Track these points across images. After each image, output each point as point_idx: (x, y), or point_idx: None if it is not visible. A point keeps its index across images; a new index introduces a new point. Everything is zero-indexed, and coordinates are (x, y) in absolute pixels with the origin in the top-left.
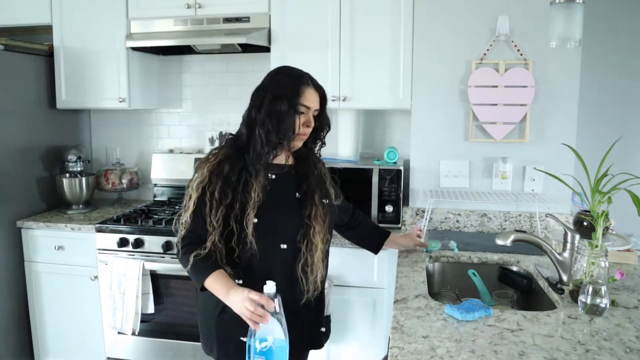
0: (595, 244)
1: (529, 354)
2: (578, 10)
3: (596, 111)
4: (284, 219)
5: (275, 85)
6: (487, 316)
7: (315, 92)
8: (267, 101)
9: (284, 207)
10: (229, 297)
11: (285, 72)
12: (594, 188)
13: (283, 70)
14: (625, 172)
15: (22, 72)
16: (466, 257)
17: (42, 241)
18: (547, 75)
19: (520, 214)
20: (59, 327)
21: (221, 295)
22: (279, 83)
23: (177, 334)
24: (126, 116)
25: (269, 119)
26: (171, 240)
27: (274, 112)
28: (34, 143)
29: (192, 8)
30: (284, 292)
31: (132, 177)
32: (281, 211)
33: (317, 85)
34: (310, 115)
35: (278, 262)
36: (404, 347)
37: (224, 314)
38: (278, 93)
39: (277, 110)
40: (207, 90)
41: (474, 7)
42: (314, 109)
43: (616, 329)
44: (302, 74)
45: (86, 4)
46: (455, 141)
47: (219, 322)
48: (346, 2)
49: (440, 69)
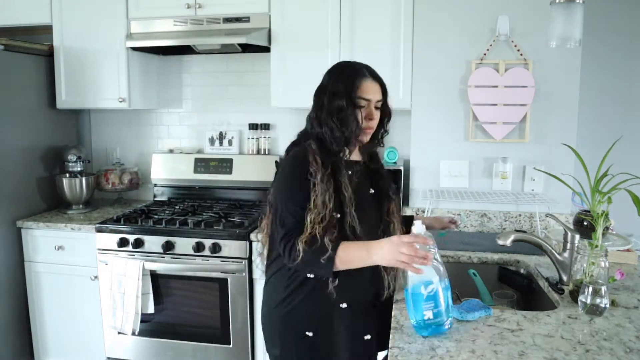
0: (595, 244)
1: (529, 354)
2: (578, 10)
3: (596, 111)
4: (364, 216)
5: (332, 83)
6: (487, 316)
7: (375, 83)
8: (327, 100)
9: (362, 204)
10: (374, 253)
11: (341, 67)
12: (594, 188)
13: (339, 66)
14: (625, 172)
15: (22, 72)
16: (466, 257)
17: (42, 241)
18: (547, 75)
19: (520, 214)
20: (59, 327)
21: (363, 258)
22: (335, 80)
23: (177, 334)
24: (126, 116)
25: (330, 117)
26: (171, 240)
27: (334, 109)
28: (34, 143)
29: (192, 8)
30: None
31: (132, 177)
32: (360, 209)
33: (375, 76)
34: (372, 108)
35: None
36: (404, 347)
37: (287, 309)
38: (335, 90)
39: (337, 108)
40: (207, 90)
41: (474, 7)
42: (375, 100)
43: (616, 329)
44: (359, 67)
45: (86, 4)
46: (455, 141)
47: (282, 317)
48: (346, 2)
49: (440, 69)
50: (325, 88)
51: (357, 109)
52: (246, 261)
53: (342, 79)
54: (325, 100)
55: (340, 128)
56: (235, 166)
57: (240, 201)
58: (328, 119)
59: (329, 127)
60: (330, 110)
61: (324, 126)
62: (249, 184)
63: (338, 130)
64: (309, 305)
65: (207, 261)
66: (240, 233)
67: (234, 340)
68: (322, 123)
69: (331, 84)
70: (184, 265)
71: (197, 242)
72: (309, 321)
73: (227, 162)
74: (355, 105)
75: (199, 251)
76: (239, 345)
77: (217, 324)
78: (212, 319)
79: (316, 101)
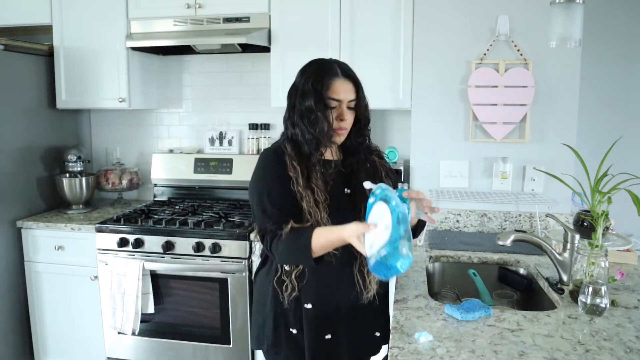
0: (595, 244)
1: (529, 354)
2: (578, 10)
3: (596, 111)
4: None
5: (303, 82)
6: (487, 316)
7: (347, 82)
8: (297, 100)
9: (337, 205)
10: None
11: (312, 65)
12: (594, 188)
13: (311, 64)
14: (625, 172)
15: (22, 72)
16: (466, 257)
17: (42, 241)
18: (547, 75)
19: (520, 214)
20: (59, 327)
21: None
22: (306, 79)
23: (177, 334)
24: (126, 116)
25: (301, 119)
26: (171, 240)
27: (304, 110)
28: (34, 143)
29: (192, 8)
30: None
31: (132, 177)
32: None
33: (348, 75)
34: (344, 108)
35: (333, 265)
36: (404, 347)
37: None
38: (305, 90)
39: (307, 109)
40: (207, 90)
41: (474, 7)
42: (347, 100)
43: (616, 329)
44: (330, 65)
45: (86, 4)
46: (455, 141)
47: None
48: (346, 2)
49: (440, 69)
50: (296, 87)
51: (328, 110)
52: (246, 261)
53: (312, 79)
54: (296, 100)
55: (310, 130)
56: (235, 166)
57: (240, 201)
58: (299, 120)
59: (300, 129)
60: (300, 112)
61: (296, 127)
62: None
63: (308, 132)
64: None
65: (207, 261)
66: (240, 233)
67: (234, 340)
68: (294, 124)
69: (302, 84)
70: (184, 265)
71: (197, 242)
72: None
73: (227, 162)
74: (325, 106)
75: (199, 251)
76: (239, 345)
77: (217, 324)
78: (212, 319)
79: (288, 101)
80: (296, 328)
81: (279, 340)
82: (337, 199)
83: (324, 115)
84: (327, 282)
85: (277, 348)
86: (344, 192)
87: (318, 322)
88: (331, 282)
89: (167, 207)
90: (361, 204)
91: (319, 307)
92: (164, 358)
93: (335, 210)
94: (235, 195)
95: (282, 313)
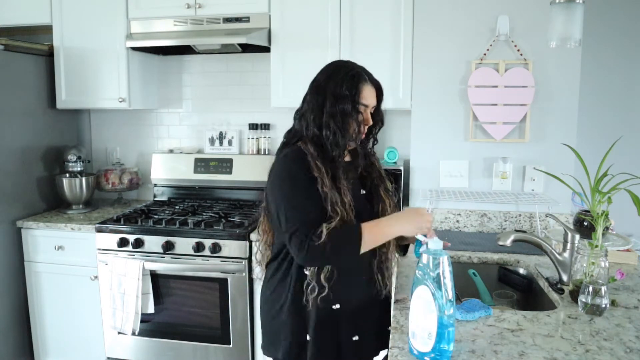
0: (595, 244)
1: (529, 354)
2: (578, 10)
3: (596, 111)
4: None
5: (335, 85)
6: (487, 316)
7: (372, 88)
8: (329, 103)
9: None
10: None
11: (343, 69)
12: (594, 188)
13: (339, 67)
14: (625, 172)
15: (22, 72)
16: (466, 257)
17: (42, 241)
18: (547, 75)
19: (520, 214)
20: (59, 327)
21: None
22: (337, 83)
23: (177, 334)
24: (126, 116)
25: (333, 121)
26: (171, 240)
27: (338, 113)
28: (34, 143)
29: (192, 8)
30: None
31: (132, 177)
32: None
33: (373, 80)
34: (368, 113)
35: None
36: (404, 347)
37: (289, 311)
38: (339, 94)
39: (340, 112)
40: (207, 90)
41: (474, 7)
42: (371, 105)
43: (616, 329)
44: (360, 70)
45: (86, 4)
46: (455, 141)
47: (290, 319)
48: (346, 2)
49: (440, 69)
50: (324, 89)
51: (359, 114)
52: (246, 261)
53: (346, 83)
54: (327, 102)
55: (342, 132)
56: (235, 166)
57: (240, 201)
58: (330, 122)
59: (330, 131)
60: (332, 114)
61: (324, 129)
62: (249, 184)
63: (341, 134)
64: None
65: (207, 261)
66: (240, 233)
67: (234, 340)
68: (323, 125)
69: (333, 87)
70: (184, 265)
71: (197, 242)
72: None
73: (227, 162)
74: (357, 111)
75: (199, 251)
76: (239, 345)
77: (217, 324)
78: (212, 319)
79: (313, 102)
80: (317, 333)
81: (298, 347)
82: (356, 200)
83: (356, 119)
84: (353, 281)
85: (295, 355)
86: (360, 193)
87: (346, 322)
88: (356, 281)
89: (167, 207)
90: (378, 206)
91: (347, 307)
92: (164, 358)
93: (356, 212)
94: (235, 195)
95: (302, 318)
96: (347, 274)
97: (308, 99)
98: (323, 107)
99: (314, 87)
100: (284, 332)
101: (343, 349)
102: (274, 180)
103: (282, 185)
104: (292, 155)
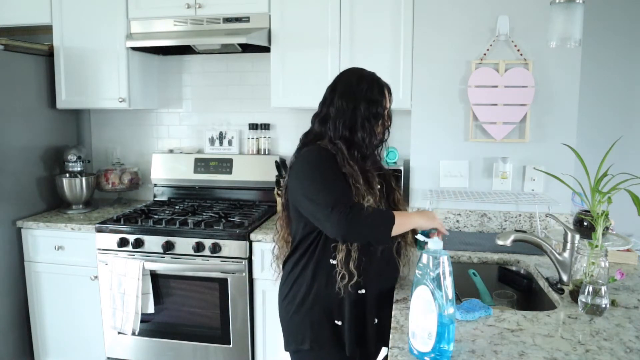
0: (595, 244)
1: (529, 354)
2: (578, 10)
3: (596, 111)
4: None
5: (366, 90)
6: (487, 316)
7: (388, 93)
8: (362, 106)
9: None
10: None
11: (368, 76)
12: (594, 188)
13: (363, 74)
14: (625, 172)
15: (22, 72)
16: (466, 257)
17: (42, 241)
18: (547, 75)
19: (520, 214)
20: (59, 327)
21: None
22: (368, 88)
23: (177, 334)
24: (126, 116)
25: (369, 123)
26: (171, 240)
27: (373, 117)
28: (34, 143)
29: (192, 8)
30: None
31: (132, 177)
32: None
33: (387, 85)
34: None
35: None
36: (404, 347)
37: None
38: (373, 98)
39: (375, 115)
40: (207, 90)
41: (474, 7)
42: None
43: (616, 329)
44: (377, 77)
45: (86, 4)
46: (455, 141)
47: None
48: (346, 2)
49: (440, 69)
50: (354, 93)
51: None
52: (246, 261)
53: (375, 89)
54: (361, 106)
55: (375, 134)
56: (235, 166)
57: (240, 201)
58: (366, 124)
59: (366, 132)
60: (367, 117)
61: (360, 131)
62: (249, 184)
63: (375, 136)
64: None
65: (207, 261)
66: (240, 233)
67: (234, 340)
68: (356, 128)
69: (364, 91)
70: (184, 265)
71: (197, 242)
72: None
73: (227, 162)
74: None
75: (199, 251)
76: (239, 345)
77: (217, 324)
78: (212, 319)
79: (345, 105)
80: (342, 319)
81: (324, 336)
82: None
83: (384, 122)
84: (378, 266)
85: (321, 343)
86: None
87: (370, 307)
88: (380, 266)
89: (167, 207)
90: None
91: (372, 291)
92: (164, 358)
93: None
94: (235, 195)
95: (327, 306)
96: (370, 260)
97: (337, 103)
98: (356, 111)
99: (343, 92)
100: (311, 320)
101: (368, 332)
102: (302, 168)
103: (314, 170)
104: (317, 149)
